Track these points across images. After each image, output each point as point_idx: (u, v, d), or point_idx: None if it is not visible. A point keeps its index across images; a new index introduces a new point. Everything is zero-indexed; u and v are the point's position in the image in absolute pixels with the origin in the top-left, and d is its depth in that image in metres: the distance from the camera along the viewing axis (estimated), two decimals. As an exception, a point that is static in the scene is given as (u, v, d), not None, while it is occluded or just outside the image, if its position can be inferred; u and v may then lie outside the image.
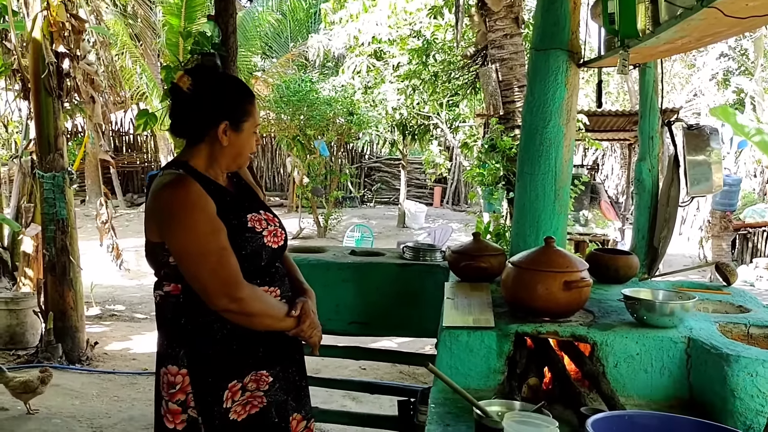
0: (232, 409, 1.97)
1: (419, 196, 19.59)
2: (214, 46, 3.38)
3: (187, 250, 1.87)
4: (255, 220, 2.03)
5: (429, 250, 3.58)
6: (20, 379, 4.17)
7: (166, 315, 1.98)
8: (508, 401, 1.79)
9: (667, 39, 1.94)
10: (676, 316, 2.24)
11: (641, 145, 3.16)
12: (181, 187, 1.91)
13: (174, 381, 1.94)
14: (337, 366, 5.58)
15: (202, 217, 1.88)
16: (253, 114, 2.05)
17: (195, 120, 2.00)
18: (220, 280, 1.87)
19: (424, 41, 9.30)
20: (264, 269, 2.04)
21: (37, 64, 5.13)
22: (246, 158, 2.07)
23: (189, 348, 1.95)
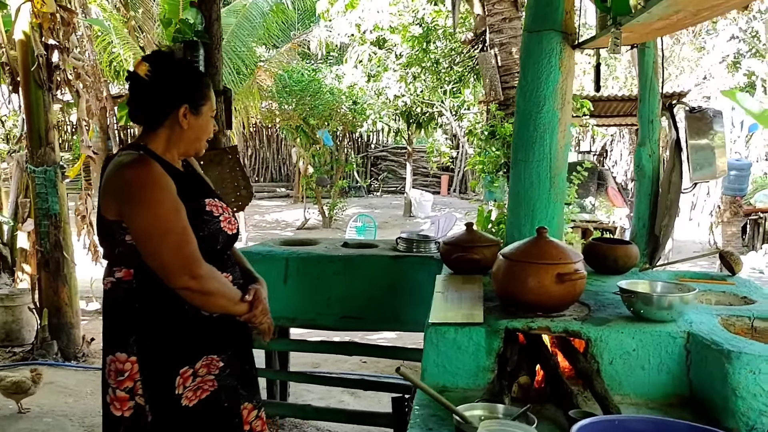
0: (183, 395, 1.98)
1: (426, 184, 19.46)
2: (197, 34, 3.26)
3: (150, 227, 1.87)
4: (212, 205, 2.07)
5: (423, 241, 3.47)
6: (12, 379, 4.10)
7: (117, 302, 1.97)
8: (491, 404, 1.68)
9: (660, 14, 1.81)
10: (675, 309, 2.12)
11: (641, 130, 3.03)
12: (143, 166, 1.92)
13: (122, 368, 1.94)
14: (337, 360, 5.48)
15: (165, 195, 1.89)
16: (211, 98, 2.07)
17: (155, 105, 2.00)
18: (181, 257, 1.88)
19: (424, 28, 9.14)
20: (219, 253, 2.06)
21: (26, 56, 5.04)
22: (203, 143, 2.11)
23: (140, 334, 1.94)
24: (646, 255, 3.06)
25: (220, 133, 3.42)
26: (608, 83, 16.41)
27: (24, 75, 5.10)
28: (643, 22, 1.91)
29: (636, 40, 2.55)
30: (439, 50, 9.21)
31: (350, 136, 18.04)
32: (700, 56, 18.64)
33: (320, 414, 3.58)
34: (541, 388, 2.17)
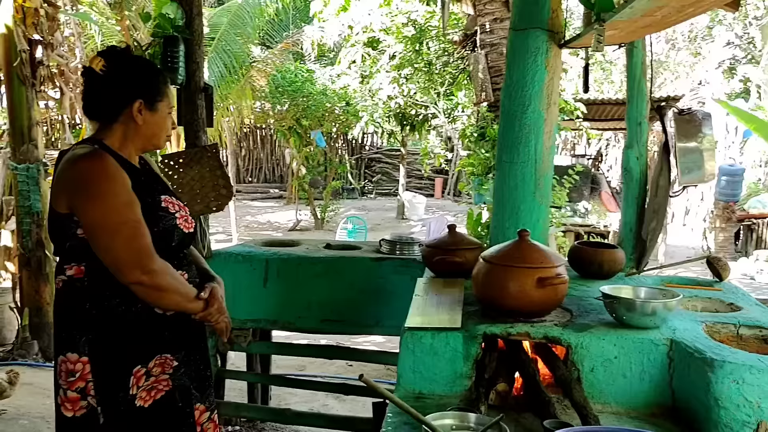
0: (137, 396, 1.94)
1: (420, 187, 19.39)
2: (177, 29, 3.19)
3: (103, 220, 1.84)
4: (168, 202, 2.03)
5: (406, 243, 3.40)
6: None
7: (68, 301, 1.93)
8: (462, 413, 1.61)
9: (644, 10, 1.74)
10: (659, 315, 2.06)
11: (628, 132, 2.97)
12: (97, 159, 1.88)
13: (74, 369, 1.89)
14: (323, 363, 5.41)
15: (118, 189, 1.86)
16: (168, 95, 2.06)
17: (109, 99, 1.98)
18: (134, 251, 1.84)
19: (417, 29, 9.07)
20: (174, 251, 2.01)
21: (8, 51, 4.96)
22: (162, 139, 2.07)
23: (92, 334, 1.89)
24: (633, 259, 2.99)
25: (200, 130, 3.34)
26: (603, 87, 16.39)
27: (6, 71, 5.02)
28: (627, 19, 1.85)
29: (623, 39, 2.49)
30: (432, 51, 9.14)
31: (344, 137, 17.96)
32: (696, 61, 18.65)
33: (300, 418, 3.51)
34: (520, 396, 2.10)
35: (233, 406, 3.60)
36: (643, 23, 1.95)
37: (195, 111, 3.32)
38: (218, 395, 3.66)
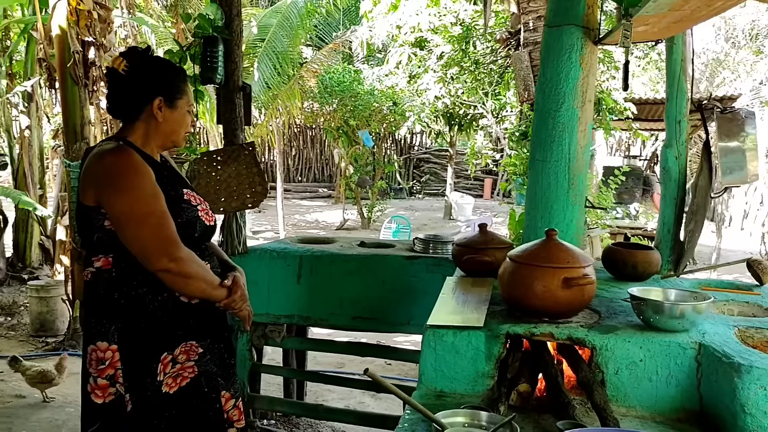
0: (164, 382, 2.00)
1: (469, 187, 19.28)
2: (217, 29, 3.25)
3: (130, 210, 1.91)
4: (190, 195, 2.10)
5: (440, 242, 3.39)
6: (37, 368, 4.18)
7: (97, 292, 1.99)
8: (474, 411, 1.60)
9: (669, 4, 1.70)
10: (687, 318, 2.00)
11: (667, 131, 2.89)
12: (123, 153, 1.96)
13: (103, 357, 1.95)
14: (362, 361, 5.41)
15: (144, 181, 1.93)
16: (188, 93, 2.11)
17: (130, 98, 2.06)
18: (161, 239, 1.91)
19: (463, 28, 9.02)
20: (196, 241, 2.07)
21: (62, 52, 5.15)
22: (180, 136, 2.13)
23: (121, 323, 1.96)
24: (671, 261, 2.92)
25: (238, 129, 3.41)
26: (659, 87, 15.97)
27: (61, 71, 5.21)
28: (654, 14, 1.81)
29: (658, 36, 2.43)
30: (479, 51, 9.07)
31: (392, 137, 17.99)
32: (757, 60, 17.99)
33: (332, 414, 3.54)
34: (542, 398, 2.08)
35: (267, 400, 3.66)
36: (674, 18, 1.90)
37: (233, 110, 3.39)
38: (254, 389, 3.72)
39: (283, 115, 12.43)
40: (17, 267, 7.83)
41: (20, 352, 4.69)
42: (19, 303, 6.80)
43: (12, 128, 7.90)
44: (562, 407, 1.86)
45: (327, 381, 3.83)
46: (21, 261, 7.92)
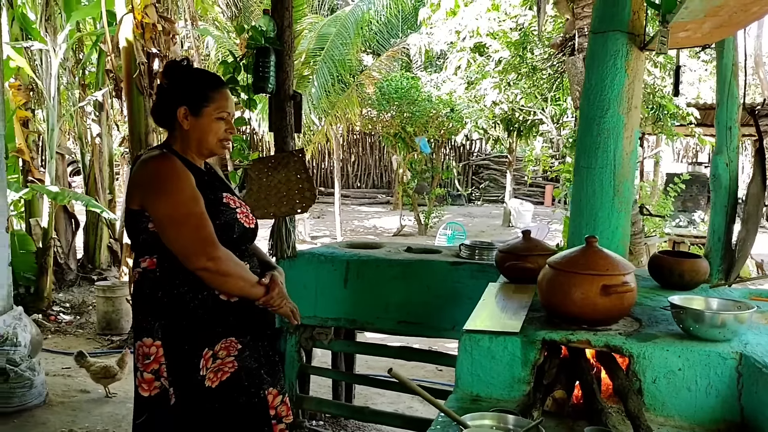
0: (206, 377, 2.08)
1: (530, 194, 19.08)
2: (269, 40, 3.37)
3: (171, 212, 2.02)
4: (229, 198, 2.19)
5: (486, 248, 3.40)
6: (101, 364, 4.40)
7: (143, 291, 2.11)
8: (501, 414, 1.62)
9: (703, 10, 1.68)
10: (728, 328, 1.96)
11: (717, 137, 2.83)
12: (165, 159, 2.10)
13: (148, 352, 2.07)
14: (414, 366, 5.47)
15: (184, 185, 2.05)
16: (217, 100, 2.16)
17: (163, 108, 2.20)
18: (200, 240, 2.01)
19: (521, 33, 8.96)
20: (235, 243, 2.15)
21: (128, 64, 5.40)
22: (212, 143, 2.18)
23: (164, 320, 2.07)
24: (721, 271, 2.85)
25: (288, 136, 3.51)
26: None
27: (127, 81, 5.46)
28: (690, 20, 1.79)
29: (702, 41, 2.39)
30: (537, 56, 8.99)
31: (451, 144, 17.97)
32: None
33: (377, 417, 3.59)
34: (578, 404, 2.07)
35: (315, 401, 3.74)
36: (714, 24, 1.87)
37: (284, 118, 3.50)
38: (303, 390, 3.81)
39: (342, 121, 12.61)
40: (87, 268, 8.21)
41: (87, 350, 4.92)
42: (88, 303, 7.13)
43: (84, 136, 8.29)
44: (596, 414, 1.86)
45: (375, 384, 3.88)
46: (91, 262, 8.30)
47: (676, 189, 5.63)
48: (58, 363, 5.29)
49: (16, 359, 4.24)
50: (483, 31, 10.22)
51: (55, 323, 6.50)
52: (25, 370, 4.24)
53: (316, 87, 10.96)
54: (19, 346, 4.33)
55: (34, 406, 4.27)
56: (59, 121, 7.13)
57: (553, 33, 8.45)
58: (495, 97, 10.43)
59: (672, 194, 5.61)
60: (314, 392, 4.14)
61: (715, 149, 2.86)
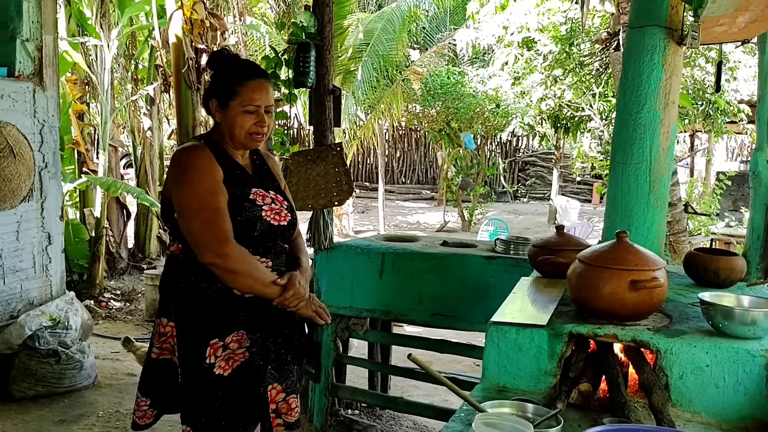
0: (216, 365, 2.12)
1: (577, 192, 18.80)
2: (309, 36, 3.44)
3: (186, 203, 2.07)
4: (258, 195, 2.19)
5: (522, 243, 3.41)
6: (146, 348, 4.54)
7: (168, 273, 2.21)
8: (521, 403, 1.65)
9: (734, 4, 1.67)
10: (759, 326, 1.94)
11: (758, 133, 2.79)
12: (192, 151, 2.15)
13: (164, 332, 2.19)
14: (451, 360, 5.49)
15: (204, 178, 2.08)
16: (242, 93, 2.16)
17: (203, 100, 2.30)
18: (210, 235, 2.04)
19: (567, 29, 8.86)
20: (257, 240, 2.16)
21: (177, 59, 5.56)
22: (240, 136, 2.19)
23: (178, 304, 2.14)
24: (761, 269, 2.80)
25: (327, 130, 3.58)
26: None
27: (175, 76, 5.63)
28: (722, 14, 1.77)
29: (740, 36, 2.35)
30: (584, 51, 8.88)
31: (497, 140, 17.85)
32: None
33: (410, 407, 3.64)
34: (604, 398, 2.08)
35: (350, 390, 3.82)
36: (749, 18, 1.85)
37: (323, 112, 3.57)
38: (339, 379, 3.89)
39: (387, 116, 12.67)
40: (137, 257, 8.48)
41: (135, 335, 5.11)
42: (138, 290, 7.37)
43: (136, 129, 8.55)
44: (619, 407, 1.87)
45: (411, 376, 3.93)
46: (141, 252, 8.56)
47: (721, 186, 5.49)
48: (107, 347, 5.50)
49: (67, 342, 4.43)
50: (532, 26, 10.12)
51: (105, 309, 6.75)
52: (76, 352, 4.43)
53: (362, 82, 11.03)
54: (70, 330, 4.53)
55: (84, 387, 4.46)
56: (112, 115, 7.37)
57: (600, 28, 8.33)
58: (541, 92, 10.34)
59: (718, 192, 5.47)
60: (351, 382, 4.21)
61: (756, 146, 2.81)
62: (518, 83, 11.53)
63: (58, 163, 4.78)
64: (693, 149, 11.82)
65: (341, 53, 11.07)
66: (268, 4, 12.21)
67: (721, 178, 5.44)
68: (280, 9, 12.70)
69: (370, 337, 3.80)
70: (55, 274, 4.73)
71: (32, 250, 4.58)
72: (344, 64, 11.29)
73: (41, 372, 4.28)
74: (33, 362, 4.27)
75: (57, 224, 4.76)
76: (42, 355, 4.30)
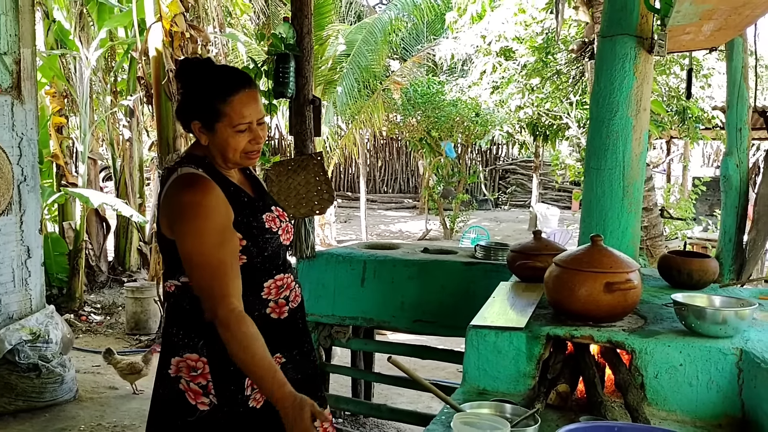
0: (251, 397, 1.99)
1: (557, 199, 18.97)
2: (289, 47, 3.48)
3: (190, 256, 1.87)
4: (270, 220, 2.03)
5: (501, 249, 3.46)
6: (127, 360, 4.54)
7: (182, 306, 1.97)
8: (499, 404, 1.68)
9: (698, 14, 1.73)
10: (730, 325, 2.00)
11: (728, 138, 2.86)
12: (199, 192, 1.89)
13: (195, 366, 1.94)
14: (435, 367, 5.53)
15: (211, 227, 1.87)
16: (229, 113, 1.90)
17: (180, 119, 2.01)
18: (209, 294, 1.85)
19: (544, 39, 8.99)
20: (281, 264, 2.07)
21: (158, 71, 5.57)
22: (235, 156, 1.96)
23: (207, 338, 1.92)
24: (733, 271, 2.87)
25: (308, 139, 3.62)
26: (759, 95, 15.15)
27: (156, 88, 5.63)
28: (687, 23, 1.84)
29: (707, 44, 2.43)
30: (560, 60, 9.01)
31: (478, 148, 17.98)
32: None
33: (394, 414, 3.66)
34: (582, 399, 2.12)
35: (333, 399, 3.83)
36: (713, 26, 1.92)
37: (303, 122, 3.60)
38: (322, 388, 3.90)
39: (368, 126, 12.73)
40: (117, 270, 8.43)
41: (116, 349, 5.08)
42: (118, 303, 7.33)
43: (116, 142, 8.52)
44: (596, 407, 1.91)
45: (395, 383, 3.95)
46: (121, 265, 8.51)
47: (697, 192, 5.60)
48: (88, 361, 5.47)
49: (47, 355, 4.40)
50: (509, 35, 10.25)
51: (86, 323, 6.70)
52: (57, 366, 4.40)
53: (343, 92, 11.09)
54: (50, 343, 4.50)
55: (65, 401, 4.43)
56: (91, 127, 7.35)
57: (576, 37, 8.46)
58: (519, 101, 10.45)
59: (694, 197, 5.58)
60: (335, 391, 4.23)
61: (725, 150, 2.89)
62: (497, 92, 11.66)
63: (36, 177, 4.76)
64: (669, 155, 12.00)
65: (321, 64, 11.13)
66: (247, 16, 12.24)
67: (696, 184, 5.55)
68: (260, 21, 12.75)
69: (352, 345, 3.83)
70: (34, 287, 4.70)
71: (11, 263, 4.55)
72: (325, 75, 11.35)
73: (21, 386, 4.24)
74: (13, 377, 4.24)
75: (36, 238, 4.74)
76: (22, 369, 4.26)
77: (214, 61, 2.10)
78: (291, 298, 2.10)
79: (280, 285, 2.05)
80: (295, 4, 3.55)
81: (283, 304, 2.07)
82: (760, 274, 4.04)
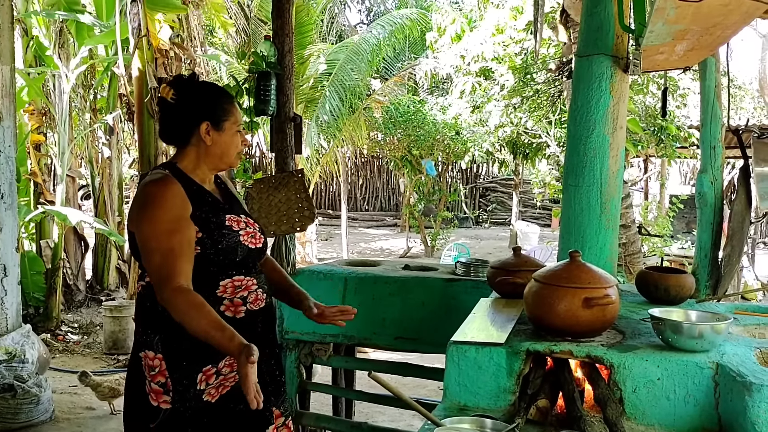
0: (206, 392, 2.07)
1: (537, 217, 19.12)
2: (270, 65, 3.49)
3: (143, 242, 2.02)
4: (233, 221, 2.16)
5: (481, 265, 3.48)
6: (108, 384, 4.47)
7: (145, 304, 2.10)
8: (480, 419, 1.69)
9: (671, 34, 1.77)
10: (706, 339, 2.03)
11: (702, 156, 2.92)
12: (160, 184, 2.06)
13: (153, 365, 2.05)
14: (416, 385, 5.52)
15: (163, 215, 2.01)
16: (234, 114, 2.18)
17: (179, 125, 2.15)
18: (158, 276, 1.98)
19: (523, 59, 9.11)
20: (240, 264, 2.15)
21: (140, 89, 5.56)
22: (232, 157, 2.19)
23: (163, 334, 2.05)
24: (708, 286, 2.91)
25: (288, 157, 3.63)
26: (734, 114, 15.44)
27: (138, 105, 5.63)
28: (660, 43, 1.88)
29: (681, 63, 2.48)
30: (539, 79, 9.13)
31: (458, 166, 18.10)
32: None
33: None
34: (562, 414, 2.14)
35: (314, 417, 3.80)
36: (686, 46, 1.97)
37: (284, 139, 3.62)
38: (303, 406, 3.87)
39: (349, 144, 12.77)
40: (96, 289, 8.33)
41: (94, 369, 5.03)
42: (96, 323, 7.24)
43: (95, 159, 8.45)
44: (576, 421, 1.92)
45: (376, 401, 3.93)
46: (99, 284, 8.42)
47: (674, 209, 5.68)
48: (65, 381, 5.38)
49: (23, 376, 4.33)
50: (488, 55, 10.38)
51: (63, 343, 6.60)
52: (33, 386, 4.33)
53: (324, 110, 11.14)
54: (26, 363, 4.43)
55: (41, 422, 4.36)
56: (70, 145, 7.29)
57: (555, 57, 8.58)
58: (498, 120, 10.55)
59: (671, 215, 5.66)
60: (315, 409, 4.19)
61: (700, 168, 2.94)
62: (477, 111, 11.77)
63: (14, 194, 4.71)
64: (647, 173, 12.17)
65: (303, 82, 11.18)
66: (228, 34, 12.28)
67: (674, 201, 5.63)
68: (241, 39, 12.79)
69: (333, 363, 3.80)
70: (10, 306, 4.63)
71: (-13, 282, 4.49)
72: (306, 93, 11.39)
73: (-4, 407, 4.17)
74: (-12, 397, 4.17)
75: (13, 256, 4.68)
76: (-3, 389, 4.19)
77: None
78: (250, 300, 2.17)
79: (237, 285, 2.14)
80: (276, 22, 3.58)
81: (239, 304, 2.14)
82: (735, 290, 4.11)
